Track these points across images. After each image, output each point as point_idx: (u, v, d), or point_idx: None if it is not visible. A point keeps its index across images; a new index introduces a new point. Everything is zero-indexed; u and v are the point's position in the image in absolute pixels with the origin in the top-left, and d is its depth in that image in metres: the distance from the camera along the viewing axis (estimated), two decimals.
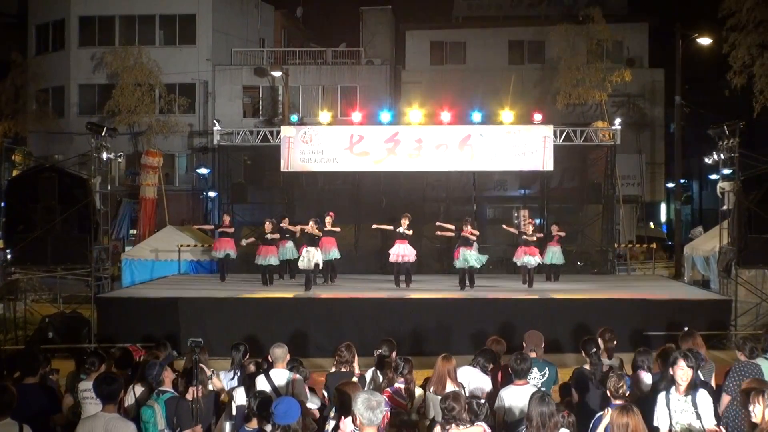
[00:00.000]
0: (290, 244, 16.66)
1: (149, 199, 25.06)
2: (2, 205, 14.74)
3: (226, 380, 7.83)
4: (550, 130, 19.16)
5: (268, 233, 16.20)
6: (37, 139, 31.00)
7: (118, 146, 18.68)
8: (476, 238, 15.39)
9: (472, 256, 15.16)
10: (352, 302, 14.22)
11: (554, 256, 16.74)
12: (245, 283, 16.40)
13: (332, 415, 5.96)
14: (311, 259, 14.84)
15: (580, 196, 22.40)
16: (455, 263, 15.46)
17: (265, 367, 7.46)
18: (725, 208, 15.62)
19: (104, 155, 15.26)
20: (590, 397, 7.09)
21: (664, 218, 36.01)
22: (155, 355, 7.97)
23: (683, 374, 5.84)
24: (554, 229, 16.84)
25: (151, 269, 19.72)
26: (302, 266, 15.05)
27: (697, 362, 6.83)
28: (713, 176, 28.73)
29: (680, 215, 27.54)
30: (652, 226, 34.11)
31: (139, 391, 6.74)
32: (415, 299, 14.43)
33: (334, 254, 16.22)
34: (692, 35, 23.56)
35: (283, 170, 19.63)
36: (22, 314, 15.26)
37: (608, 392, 6.17)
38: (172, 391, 6.42)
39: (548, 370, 7.39)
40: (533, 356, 7.27)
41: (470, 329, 12.88)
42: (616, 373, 6.42)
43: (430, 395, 6.86)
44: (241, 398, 6.74)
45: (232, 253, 16.71)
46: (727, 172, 16.33)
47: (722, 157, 15.49)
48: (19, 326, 14.87)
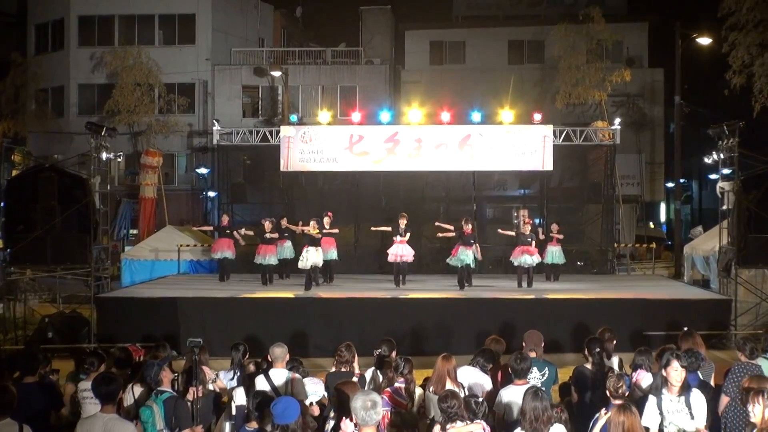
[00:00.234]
0: (288, 243, 16.73)
1: (149, 198, 25.05)
2: (2, 205, 14.70)
3: (225, 380, 7.85)
4: (549, 129, 19.16)
5: (267, 233, 16.22)
6: (36, 138, 30.91)
7: (117, 146, 18.68)
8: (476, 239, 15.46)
9: (469, 255, 15.19)
10: (351, 302, 14.22)
11: (554, 255, 16.77)
12: (245, 283, 16.38)
13: (332, 415, 5.97)
14: (309, 258, 14.85)
15: (579, 195, 22.42)
16: (450, 260, 15.49)
17: (264, 366, 7.46)
18: (725, 207, 15.62)
19: (104, 155, 15.28)
20: (590, 396, 7.09)
21: (663, 218, 35.98)
22: (155, 355, 7.97)
23: (676, 375, 5.83)
24: (554, 228, 16.85)
25: (150, 269, 19.72)
26: (301, 266, 15.05)
27: (697, 362, 6.84)
28: (713, 176, 28.70)
29: (680, 215, 27.52)
30: (651, 225, 34.09)
31: (138, 391, 6.74)
32: (415, 299, 14.42)
33: (332, 255, 16.23)
34: (692, 35, 23.53)
35: (282, 170, 19.64)
36: (21, 314, 15.26)
37: (608, 392, 6.17)
38: (170, 391, 6.42)
39: (548, 369, 7.39)
40: (533, 356, 7.28)
41: (470, 329, 12.88)
42: (615, 373, 6.42)
43: (429, 395, 6.86)
44: (240, 398, 6.75)
45: (230, 254, 16.71)
46: (726, 171, 16.30)
47: (722, 156, 15.50)
48: (18, 326, 14.87)
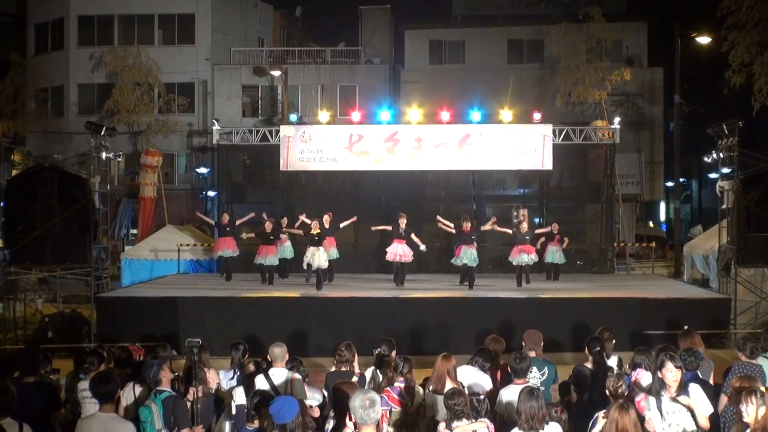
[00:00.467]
0: (288, 243, 16.77)
1: (148, 198, 25.07)
2: (2, 204, 14.70)
3: (225, 380, 7.84)
4: (549, 129, 19.17)
5: (267, 233, 16.22)
6: (36, 138, 30.91)
7: (117, 146, 18.69)
8: (476, 237, 15.44)
9: (471, 255, 15.19)
10: (351, 301, 14.24)
11: (555, 255, 16.78)
12: (245, 282, 16.39)
13: (332, 414, 5.97)
14: (315, 260, 14.93)
15: (579, 195, 22.42)
16: (455, 261, 15.49)
17: (264, 366, 7.46)
18: (724, 206, 15.64)
19: (103, 155, 15.29)
20: (589, 395, 7.09)
21: (663, 217, 36.01)
22: (155, 355, 7.97)
23: (671, 376, 5.77)
24: (554, 228, 16.86)
25: (150, 269, 19.74)
26: (313, 265, 15.19)
27: (696, 361, 6.83)
28: (712, 175, 28.72)
29: (679, 214, 27.51)
30: (651, 225, 34.11)
31: (138, 390, 6.74)
32: (414, 298, 14.42)
33: (333, 254, 16.24)
34: (691, 34, 23.51)
35: (282, 169, 19.64)
36: (21, 314, 15.26)
37: (607, 391, 6.16)
38: (169, 390, 6.41)
39: (547, 369, 7.40)
40: (532, 355, 7.28)
41: (470, 328, 12.88)
42: (615, 372, 6.42)
43: (429, 394, 6.86)
44: (240, 398, 6.75)
45: (231, 251, 16.73)
46: (726, 170, 16.31)
47: (721, 155, 15.51)
48: (18, 326, 14.87)
